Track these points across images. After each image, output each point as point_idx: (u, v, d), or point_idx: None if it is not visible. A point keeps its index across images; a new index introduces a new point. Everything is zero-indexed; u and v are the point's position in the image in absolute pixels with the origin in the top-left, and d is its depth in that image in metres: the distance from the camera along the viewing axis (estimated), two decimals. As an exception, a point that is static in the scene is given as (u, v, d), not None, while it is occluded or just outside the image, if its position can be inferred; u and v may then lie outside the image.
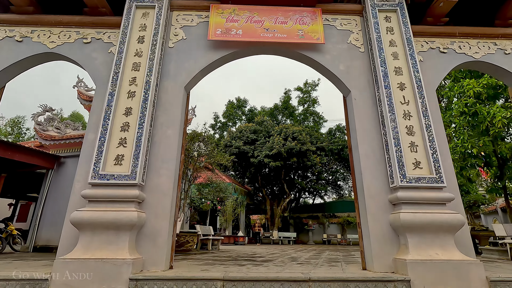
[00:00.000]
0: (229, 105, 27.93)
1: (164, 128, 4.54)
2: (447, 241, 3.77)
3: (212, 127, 28.21)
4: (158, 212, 4.08)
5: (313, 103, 28.22)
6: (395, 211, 4.05)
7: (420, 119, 4.37)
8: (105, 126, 4.21)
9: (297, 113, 28.43)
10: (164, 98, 4.72)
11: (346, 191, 30.83)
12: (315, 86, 28.65)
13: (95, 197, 3.87)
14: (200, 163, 9.18)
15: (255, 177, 21.37)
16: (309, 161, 19.68)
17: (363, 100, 4.80)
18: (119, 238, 3.73)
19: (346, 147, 23.55)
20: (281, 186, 21.52)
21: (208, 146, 9.35)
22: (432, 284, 3.45)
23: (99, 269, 3.45)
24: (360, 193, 4.44)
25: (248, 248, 12.96)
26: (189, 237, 7.94)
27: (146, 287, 3.37)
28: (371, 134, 4.58)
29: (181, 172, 4.67)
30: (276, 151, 18.04)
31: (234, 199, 17.53)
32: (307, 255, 7.74)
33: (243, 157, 19.90)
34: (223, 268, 4.30)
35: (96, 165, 3.99)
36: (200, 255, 7.19)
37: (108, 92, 4.40)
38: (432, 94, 4.80)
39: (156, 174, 4.28)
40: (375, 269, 3.89)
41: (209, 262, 5.33)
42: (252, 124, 21.04)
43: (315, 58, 5.08)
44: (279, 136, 18.95)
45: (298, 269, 4.34)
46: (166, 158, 4.37)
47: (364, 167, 4.39)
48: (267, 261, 5.61)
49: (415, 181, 4.01)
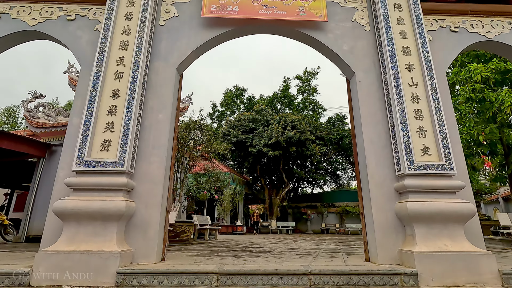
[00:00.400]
0: (227, 94, 27.40)
1: (154, 112, 4.23)
2: (456, 231, 3.54)
3: (210, 116, 27.77)
4: (149, 202, 3.82)
5: (312, 91, 27.75)
6: (402, 200, 3.81)
7: (429, 103, 4.08)
8: (90, 110, 3.89)
9: (296, 102, 28.00)
10: (154, 80, 4.39)
11: (345, 181, 30.80)
12: (315, 74, 28.14)
13: (80, 186, 3.60)
14: (197, 151, 8.90)
15: (254, 167, 21.15)
16: (308, 151, 19.42)
17: (368, 82, 4.49)
18: (106, 229, 3.48)
19: (346, 136, 23.35)
20: (280, 176, 21.34)
21: (205, 134, 9.05)
22: (440, 277, 3.23)
23: (84, 262, 3.21)
24: (364, 181, 4.18)
25: (246, 237, 12.84)
26: (185, 227, 7.74)
27: (134, 281, 3.13)
28: (376, 119, 4.29)
29: (174, 159, 4.39)
30: (275, 140, 17.74)
31: (232, 189, 17.35)
32: (306, 245, 7.57)
33: (241, 147, 19.61)
34: (219, 260, 4.08)
35: (80, 151, 3.70)
36: (197, 246, 7.00)
37: (93, 73, 4.07)
38: (442, 76, 4.49)
39: (146, 161, 3.99)
40: (379, 261, 3.67)
41: (205, 253, 5.12)
42: (250, 113, 20.65)
43: (317, 37, 4.73)
44: (278, 125, 18.62)
45: (298, 260, 4.12)
46: (157, 144, 4.08)
47: (369, 154, 4.12)
48: (265, 252, 5.41)
49: (423, 168, 3.75)
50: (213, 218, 18.41)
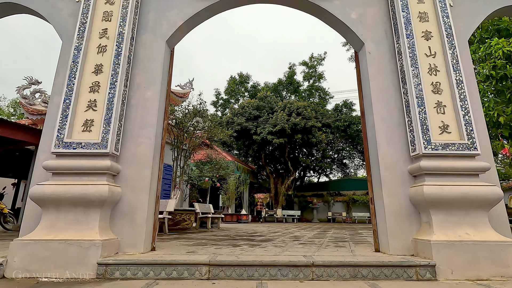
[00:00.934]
0: (231, 81, 26.79)
1: (142, 89, 3.86)
2: (479, 218, 3.13)
3: (214, 104, 27.31)
4: (136, 186, 3.49)
5: (319, 78, 26.97)
6: (417, 183, 3.39)
7: (449, 74, 3.60)
8: (71, 86, 3.54)
9: (302, 89, 27.29)
10: (142, 54, 4.00)
11: (352, 170, 30.29)
12: (321, 60, 27.29)
13: (59, 169, 3.28)
14: (197, 138, 8.56)
15: (259, 155, 20.78)
16: (314, 138, 18.91)
17: (379, 53, 4.01)
18: (88, 216, 3.17)
19: (353, 123, 22.72)
20: (285, 164, 20.96)
21: (205, 120, 8.67)
22: (462, 270, 2.84)
23: (63, 252, 2.91)
24: (373, 163, 3.77)
25: (250, 226, 12.61)
26: (186, 216, 7.48)
27: (117, 273, 2.83)
28: (388, 94, 3.84)
29: (164, 141, 4.03)
30: (280, 128, 17.25)
31: (236, 177, 17.09)
32: (311, 234, 7.24)
33: (245, 135, 19.21)
34: (214, 250, 3.76)
35: (60, 131, 3.36)
36: (196, 234, 6.73)
37: (74, 46, 3.69)
38: (464, 45, 3.97)
39: (133, 142, 3.65)
40: (390, 251, 3.30)
41: (202, 242, 4.82)
42: (254, 100, 20.12)
43: (322, 5, 4.23)
44: (283, 112, 18.09)
45: (300, 250, 3.77)
46: (145, 124, 3.72)
47: (379, 133, 3.68)
48: (267, 241, 5.08)
49: (442, 147, 3.31)
50: (217, 206, 18.26)
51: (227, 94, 26.94)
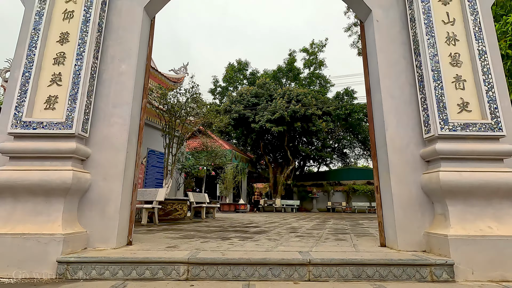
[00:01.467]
0: (229, 68, 26.00)
1: (116, 62, 3.36)
2: (504, 210, 2.69)
3: (212, 92, 26.61)
4: (108, 173, 3.05)
5: (319, 65, 26.22)
6: (431, 169, 2.94)
7: (470, 44, 3.10)
8: (31, 57, 3.05)
9: (302, 76, 26.58)
10: (116, 22, 3.48)
11: (352, 159, 29.89)
12: (322, 46, 26.47)
13: (16, 152, 2.83)
14: (190, 124, 8.10)
15: (257, 144, 20.30)
16: (314, 126, 18.39)
17: (388, 21, 3.49)
18: (50, 206, 2.74)
19: (355, 112, 22.16)
20: (285, 153, 20.51)
21: (199, 105, 8.17)
22: (484, 270, 2.43)
23: (18, 248, 2.50)
24: (380, 147, 3.31)
25: (247, 216, 12.29)
26: (178, 205, 7.10)
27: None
28: (399, 68, 3.35)
29: (143, 123, 3.57)
30: (279, 115, 16.70)
31: (234, 166, 16.69)
32: (310, 225, 6.87)
33: (244, 123, 18.67)
34: (200, 244, 3.35)
35: (18, 109, 2.90)
36: (188, 225, 6.36)
37: (35, 11, 3.18)
38: (487, 11, 3.44)
39: (105, 122, 3.18)
40: (399, 246, 2.88)
41: (190, 234, 4.43)
42: (253, 87, 19.48)
43: (324, -34, 3.67)
44: (282, 99, 17.50)
45: (296, 244, 3.37)
46: (119, 101, 3.25)
47: (388, 112, 3.21)
48: (260, 233, 4.69)
49: (461, 128, 2.85)
50: (215, 196, 17.96)
51: (225, 82, 26.21)
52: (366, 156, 28.21)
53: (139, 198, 6.76)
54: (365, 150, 27.43)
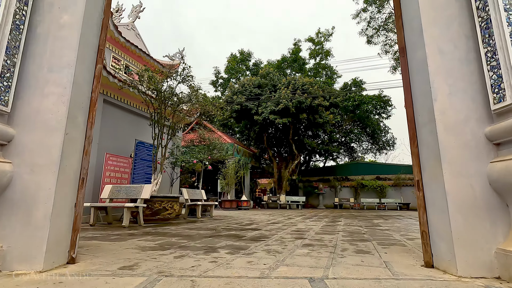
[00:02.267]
0: (231, 59, 24.93)
1: (56, 11, 2.45)
2: None
3: (213, 84, 25.61)
4: (38, 162, 2.15)
5: (326, 55, 25.03)
6: (504, 156, 1.98)
7: (559, -27, 2.09)
8: None
9: (308, 67, 25.43)
10: (58, -41, 2.55)
11: (360, 154, 28.76)
12: (328, 36, 25.24)
13: None
14: (182, 111, 7.19)
15: (260, 137, 19.32)
16: (321, 118, 17.33)
17: (433, -50, 2.50)
18: None
19: (363, 103, 21.00)
20: (289, 147, 19.52)
21: (193, 91, 7.23)
22: None
23: None
24: (423, 124, 2.35)
25: (249, 214, 11.42)
26: (167, 204, 6.24)
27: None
28: (448, 12, 2.37)
29: (96, 96, 2.65)
30: (283, 106, 15.66)
31: (236, 161, 15.80)
32: (318, 226, 5.95)
33: (246, 115, 17.69)
34: (170, 261, 2.45)
35: None
36: (176, 227, 5.49)
37: None
38: None
39: (37, 92, 2.28)
40: (458, 270, 1.94)
41: (169, 242, 3.53)
42: (256, 78, 18.43)
43: None
44: (287, 89, 16.44)
45: (304, 261, 2.44)
46: (57, 63, 2.34)
47: (436, 74, 2.25)
48: (259, 240, 3.78)
49: (554, 92, 1.87)
50: (216, 192, 17.12)
51: (227, 73, 25.16)
52: (374, 150, 27.09)
53: (122, 196, 5.91)
54: (373, 144, 26.31)
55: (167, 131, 7.23)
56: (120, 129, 7.50)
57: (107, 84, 6.95)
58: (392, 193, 21.15)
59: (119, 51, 8.60)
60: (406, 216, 11.01)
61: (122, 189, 6.07)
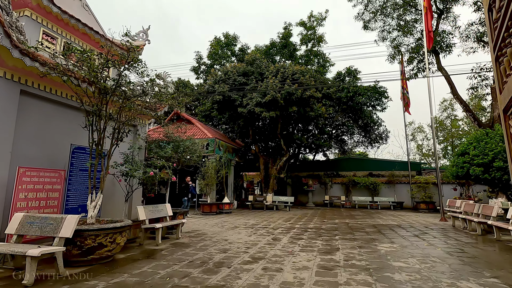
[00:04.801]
0: (215, 43, 22.53)
1: None
2: None
3: (195, 70, 23.28)
4: None
5: (318, 41, 23.07)
6: None
7: None
8: None
9: (299, 54, 23.48)
10: None
11: (350, 146, 27.46)
12: (322, 20, 23.24)
13: None
14: (133, 103, 5.32)
15: (246, 132, 17.50)
16: (312, 111, 15.63)
17: None
18: None
19: (358, 94, 19.45)
20: (278, 143, 17.84)
21: (147, 81, 5.36)
22: None
23: None
24: None
25: (229, 223, 9.80)
26: (105, 238, 4.50)
27: None
28: None
29: None
30: (270, 98, 13.79)
31: (217, 159, 14.04)
32: (316, 262, 4.35)
33: (229, 106, 15.72)
34: None
35: None
36: (108, 276, 3.76)
37: None
38: None
39: None
40: None
41: None
42: (241, 65, 16.39)
43: None
44: (275, 78, 14.56)
45: None
46: None
47: None
48: None
49: None
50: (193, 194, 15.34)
51: (210, 59, 22.81)
52: (366, 143, 25.82)
53: (34, 232, 4.13)
54: (365, 137, 25.00)
55: (113, 133, 5.38)
56: (48, 130, 5.59)
57: (24, 69, 5.00)
58: (386, 190, 20.00)
59: (53, 26, 6.55)
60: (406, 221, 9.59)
61: (36, 221, 4.27)
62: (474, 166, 8.25)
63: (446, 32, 16.48)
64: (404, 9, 18.45)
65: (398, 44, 18.92)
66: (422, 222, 11.30)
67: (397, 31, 18.93)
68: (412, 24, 17.74)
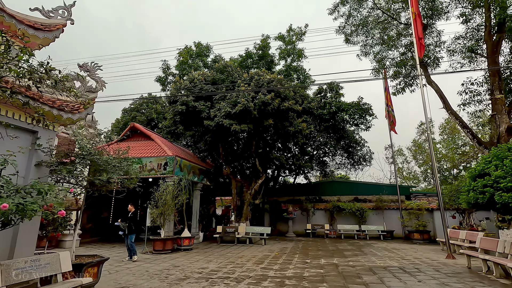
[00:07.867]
0: (184, 52, 20.47)
1: None
2: None
3: (160, 81, 20.85)
4: None
5: (298, 56, 21.73)
6: None
7: None
8: None
9: (278, 68, 21.91)
10: None
11: (332, 169, 25.56)
12: (301, 35, 22.08)
13: None
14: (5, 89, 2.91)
15: (215, 149, 15.02)
16: (291, 126, 13.55)
17: None
18: None
19: (342, 110, 17.81)
20: (253, 163, 15.52)
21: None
22: None
23: None
24: None
25: (181, 267, 7.08)
26: None
27: None
28: None
29: None
30: (242, 108, 11.51)
31: (176, 181, 11.41)
32: None
33: (194, 119, 13.27)
34: None
35: None
36: None
37: None
38: None
39: None
40: None
41: None
42: (210, 72, 14.30)
43: None
44: (248, 86, 12.47)
45: None
46: None
47: None
48: None
49: None
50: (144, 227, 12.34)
51: (179, 69, 20.60)
52: (349, 166, 24.03)
53: None
54: (348, 158, 23.25)
55: None
56: None
57: None
58: (374, 217, 17.89)
59: None
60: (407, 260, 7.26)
61: None
62: (500, 191, 6.30)
63: (434, 45, 15.42)
64: (387, 22, 17.50)
65: (382, 58, 17.74)
66: (426, 261, 9.07)
67: (380, 45, 17.84)
68: (397, 37, 16.67)
